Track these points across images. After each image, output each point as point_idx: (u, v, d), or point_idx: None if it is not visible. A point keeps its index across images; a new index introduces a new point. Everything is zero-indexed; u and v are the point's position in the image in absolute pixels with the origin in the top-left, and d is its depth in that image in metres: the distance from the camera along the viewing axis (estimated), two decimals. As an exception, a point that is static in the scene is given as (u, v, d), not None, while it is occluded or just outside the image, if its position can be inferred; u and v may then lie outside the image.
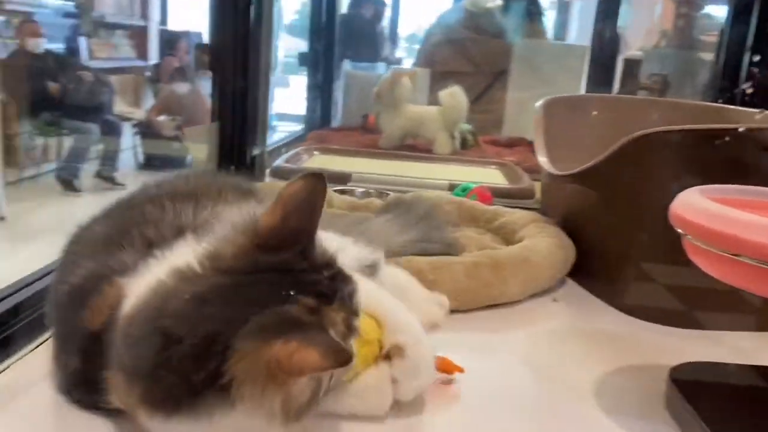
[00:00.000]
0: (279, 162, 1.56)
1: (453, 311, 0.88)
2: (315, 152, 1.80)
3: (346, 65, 2.85)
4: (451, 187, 1.40)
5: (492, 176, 1.74)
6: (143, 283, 0.50)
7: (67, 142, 4.99)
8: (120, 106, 5.69)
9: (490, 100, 2.56)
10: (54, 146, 5.07)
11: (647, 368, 0.78)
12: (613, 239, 0.98)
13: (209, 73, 1.36)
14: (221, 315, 0.46)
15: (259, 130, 1.42)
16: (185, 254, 0.50)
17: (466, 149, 2.05)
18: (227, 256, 0.49)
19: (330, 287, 0.50)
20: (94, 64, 5.73)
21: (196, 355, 0.45)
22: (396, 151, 1.95)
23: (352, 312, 0.52)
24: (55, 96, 4.85)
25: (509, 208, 1.21)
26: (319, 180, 0.51)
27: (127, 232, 0.57)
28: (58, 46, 5.41)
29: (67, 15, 5.93)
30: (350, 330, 0.51)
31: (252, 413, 0.46)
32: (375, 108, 2.07)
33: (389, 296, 0.64)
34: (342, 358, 0.44)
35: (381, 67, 2.71)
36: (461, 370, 0.69)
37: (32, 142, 4.97)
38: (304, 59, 2.57)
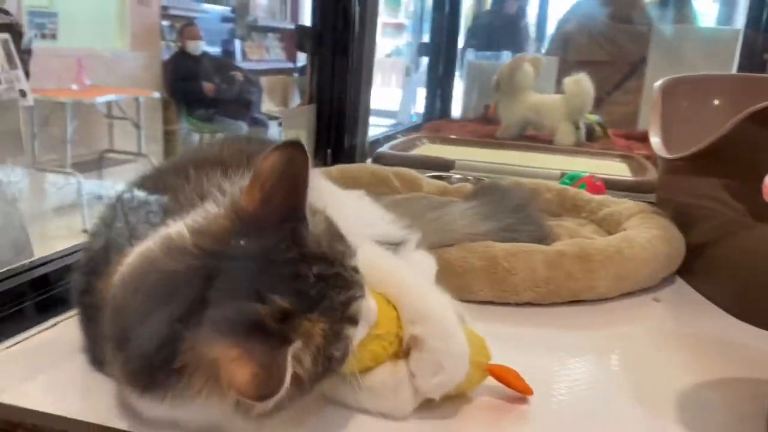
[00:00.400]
0: (383, 149, 1.52)
1: (529, 304, 0.80)
2: (424, 141, 1.74)
3: (470, 55, 2.75)
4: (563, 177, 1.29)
5: (616, 169, 1.60)
6: (138, 249, 0.48)
7: (219, 137, 5.31)
8: (268, 105, 5.96)
9: (626, 91, 2.37)
10: (207, 141, 5.42)
11: (752, 383, 0.65)
12: (731, 232, 0.84)
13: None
14: (188, 298, 0.42)
15: (360, 116, 1.39)
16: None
17: (592, 141, 1.90)
18: (209, 236, 0.45)
19: (316, 289, 0.44)
20: (247, 65, 6.05)
21: (158, 334, 0.42)
22: (511, 141, 1.84)
23: (345, 320, 0.46)
24: (209, 95, 5.16)
25: (619, 198, 1.09)
26: (296, 148, 0.45)
27: (147, 201, 0.56)
28: (214, 49, 5.77)
29: (225, 19, 6.31)
30: (336, 339, 0.45)
31: (208, 405, 0.42)
32: (495, 97, 1.98)
33: (413, 277, 0.57)
34: (265, 391, 0.39)
35: (506, 56, 2.59)
36: (529, 392, 0.58)
37: (189, 137, 5.35)
38: (424, 50, 2.51)
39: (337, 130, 1.33)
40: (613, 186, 1.29)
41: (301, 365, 0.43)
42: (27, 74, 3.28)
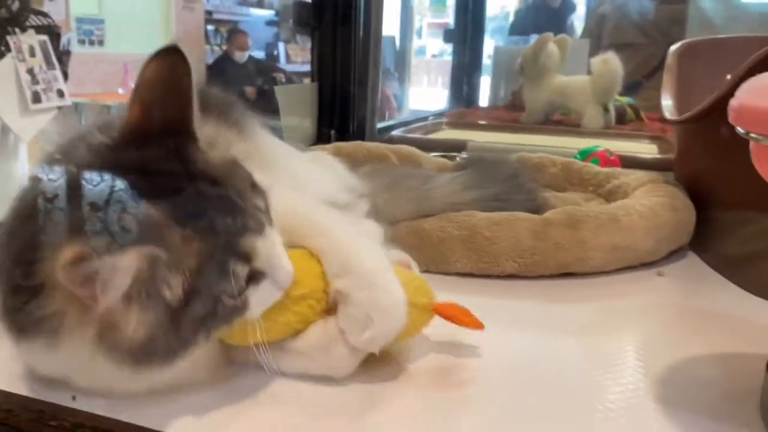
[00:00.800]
0: (396, 132, 1.47)
1: (513, 276, 0.73)
2: (444, 127, 1.68)
3: (497, 41, 2.65)
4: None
5: (644, 150, 1.51)
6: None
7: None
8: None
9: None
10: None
11: (753, 358, 0.57)
12: (742, 201, 0.76)
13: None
14: (56, 214, 0.38)
15: (368, 96, 1.34)
16: None
17: (624, 124, 1.80)
18: (88, 152, 0.42)
19: (194, 204, 0.40)
20: (291, 67, 6.08)
21: (22, 254, 0.39)
22: (535, 125, 1.76)
23: (232, 253, 0.41)
24: (250, 99, 5.21)
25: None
26: (175, 54, 0.41)
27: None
28: (258, 53, 5.81)
29: (269, 23, 6.36)
30: (221, 273, 0.41)
31: (73, 343, 0.39)
32: (519, 81, 1.90)
33: (339, 228, 0.52)
34: (76, 265, 0.35)
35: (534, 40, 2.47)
36: (478, 326, 0.52)
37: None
38: (449, 36, 2.42)
39: (341, 111, 1.28)
40: (632, 164, 1.21)
41: (168, 286, 0.39)
42: (65, 75, 3.37)
